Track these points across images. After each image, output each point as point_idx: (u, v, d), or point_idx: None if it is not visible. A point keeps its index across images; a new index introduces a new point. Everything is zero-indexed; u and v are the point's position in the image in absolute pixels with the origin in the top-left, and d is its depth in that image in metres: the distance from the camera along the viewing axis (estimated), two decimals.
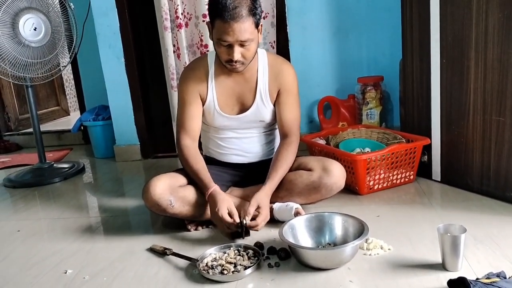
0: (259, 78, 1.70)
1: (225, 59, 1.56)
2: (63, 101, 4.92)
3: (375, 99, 2.54)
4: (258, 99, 1.71)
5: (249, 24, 1.48)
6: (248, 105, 1.72)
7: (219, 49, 1.55)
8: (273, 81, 1.71)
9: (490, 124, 1.70)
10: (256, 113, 1.73)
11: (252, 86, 1.71)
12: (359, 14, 2.63)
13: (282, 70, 1.72)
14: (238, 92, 1.71)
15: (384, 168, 1.92)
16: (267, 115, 1.74)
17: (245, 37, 1.48)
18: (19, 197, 2.38)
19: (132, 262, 1.49)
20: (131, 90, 2.86)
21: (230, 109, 1.72)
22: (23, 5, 2.46)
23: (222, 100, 1.70)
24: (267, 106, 1.73)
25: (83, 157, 3.20)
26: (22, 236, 1.82)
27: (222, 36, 1.48)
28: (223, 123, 1.74)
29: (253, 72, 1.70)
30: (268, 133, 1.82)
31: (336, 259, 1.30)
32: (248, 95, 1.72)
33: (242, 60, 1.55)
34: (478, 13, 1.66)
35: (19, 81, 2.58)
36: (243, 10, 1.45)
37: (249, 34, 1.49)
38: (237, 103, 1.73)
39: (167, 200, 1.57)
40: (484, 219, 1.56)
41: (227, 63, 1.57)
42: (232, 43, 1.49)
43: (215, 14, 1.49)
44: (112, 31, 2.77)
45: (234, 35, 1.47)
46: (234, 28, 1.46)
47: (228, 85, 1.70)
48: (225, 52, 1.54)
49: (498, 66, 1.63)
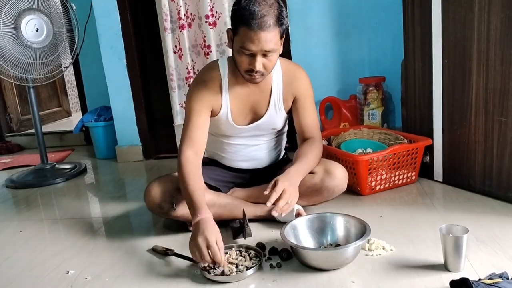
0: (274, 86, 1.66)
1: (245, 68, 1.49)
2: (65, 102, 4.92)
3: (377, 99, 2.54)
4: (272, 107, 1.67)
5: (274, 34, 1.43)
6: (261, 114, 1.68)
7: (240, 58, 1.48)
8: (288, 88, 1.67)
9: (492, 124, 1.69)
10: (268, 121, 1.69)
11: (266, 94, 1.66)
12: (361, 15, 2.63)
13: (296, 77, 1.68)
14: (252, 101, 1.66)
15: (386, 169, 1.91)
16: (279, 123, 1.72)
17: (270, 47, 1.43)
18: (21, 198, 2.39)
19: (134, 262, 1.49)
20: (133, 91, 2.86)
21: (243, 119, 1.68)
22: (25, 6, 2.46)
23: (235, 110, 1.65)
24: (280, 114, 1.69)
25: (85, 158, 3.20)
26: (24, 236, 1.82)
27: (246, 45, 1.42)
28: (234, 132, 1.70)
29: (267, 80, 1.65)
30: (276, 139, 1.80)
31: (338, 260, 1.30)
32: (261, 104, 1.67)
33: (262, 71, 1.48)
34: (480, 13, 1.66)
35: (21, 82, 2.59)
36: (270, 19, 1.40)
37: (274, 44, 1.44)
38: (250, 112, 1.68)
39: (168, 203, 1.57)
40: (486, 220, 1.56)
41: (246, 73, 1.51)
42: (256, 52, 1.43)
43: (240, 21, 1.42)
44: (114, 32, 2.77)
45: (260, 44, 1.41)
46: (260, 37, 1.40)
47: (243, 95, 1.64)
48: (246, 62, 1.47)
49: (500, 66, 1.62)
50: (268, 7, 1.41)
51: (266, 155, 1.78)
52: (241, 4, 1.42)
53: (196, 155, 1.56)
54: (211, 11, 2.56)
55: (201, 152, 1.59)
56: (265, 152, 1.78)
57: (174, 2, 2.60)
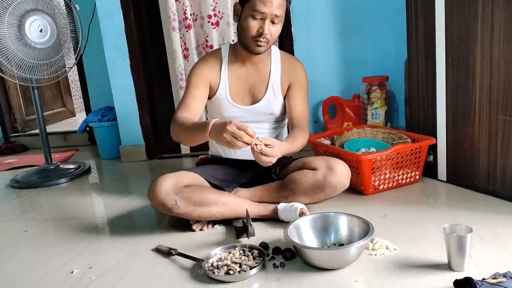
0: (272, 70, 1.78)
1: (253, 34, 1.61)
2: (69, 102, 4.95)
3: (380, 99, 2.53)
4: (270, 91, 1.77)
5: (284, 2, 1.61)
6: (259, 97, 1.78)
7: (249, 24, 1.60)
8: (286, 74, 1.79)
9: (497, 123, 1.69)
10: (266, 105, 1.78)
11: (265, 78, 1.77)
12: (364, 14, 2.62)
13: (294, 65, 1.81)
14: (251, 83, 1.77)
15: (390, 168, 1.91)
16: (277, 107, 1.80)
17: (279, 12, 1.59)
18: (26, 198, 2.40)
19: (138, 262, 1.49)
20: (137, 91, 2.87)
21: (241, 99, 1.77)
22: (29, 7, 2.47)
23: (234, 89, 1.75)
24: (278, 98, 1.79)
25: (89, 158, 3.22)
26: (29, 236, 1.83)
27: (259, 7, 1.56)
28: (233, 114, 1.77)
29: (266, 64, 1.78)
30: (276, 128, 1.85)
31: (341, 259, 1.30)
32: (259, 86, 1.77)
33: (269, 38, 1.62)
34: (484, 11, 1.65)
35: (25, 82, 2.60)
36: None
37: (282, 12, 1.60)
38: (248, 94, 1.78)
39: (172, 200, 1.58)
40: (490, 219, 1.55)
41: (254, 39, 1.62)
42: (267, 15, 1.57)
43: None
44: (118, 32, 2.78)
45: (272, 7, 1.56)
46: (272, 0, 1.56)
47: (241, 75, 1.76)
48: (256, 26, 1.60)
49: (504, 65, 1.62)
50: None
51: None
52: None
53: (192, 117, 1.67)
54: (213, 11, 2.57)
55: (197, 118, 1.69)
56: None
57: (179, 2, 2.60)
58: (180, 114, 1.67)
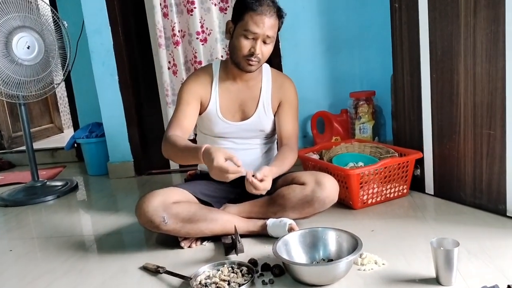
0: (263, 87, 1.79)
1: (245, 53, 1.62)
2: (57, 119, 4.91)
3: (368, 113, 2.56)
4: (260, 107, 1.78)
5: (275, 23, 1.63)
6: (249, 114, 1.79)
7: (241, 43, 1.61)
8: (276, 91, 1.80)
9: (481, 137, 1.71)
10: (257, 122, 1.79)
11: (255, 95, 1.78)
12: (350, 30, 2.66)
13: (285, 83, 1.83)
14: (241, 99, 1.78)
15: (378, 182, 1.92)
16: (267, 124, 1.81)
17: (271, 33, 1.61)
18: (12, 216, 2.36)
19: (125, 281, 1.47)
20: (125, 107, 2.86)
21: (231, 115, 1.78)
22: (16, 24, 2.47)
23: (224, 105, 1.76)
24: (268, 115, 1.80)
25: (76, 175, 3.19)
26: (14, 255, 1.80)
27: (251, 28, 1.58)
28: (223, 130, 1.77)
29: (257, 81, 1.79)
30: (266, 143, 1.86)
31: (330, 275, 1.30)
32: (250, 103, 1.78)
33: (260, 57, 1.63)
34: (466, 28, 1.69)
35: (12, 99, 2.58)
36: (273, 9, 1.61)
37: (273, 32, 1.62)
38: (238, 110, 1.79)
39: (160, 217, 1.56)
40: (477, 232, 1.57)
41: (245, 58, 1.63)
42: (259, 35, 1.59)
43: (246, 8, 1.59)
44: (106, 49, 2.78)
45: (264, 27, 1.58)
46: (265, 21, 1.58)
47: (232, 91, 1.77)
48: (248, 46, 1.61)
49: (487, 80, 1.65)
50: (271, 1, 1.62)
51: (256, 161, 1.82)
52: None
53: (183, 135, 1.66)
54: (201, 28, 2.59)
55: (187, 135, 1.69)
56: (255, 157, 1.82)
57: (167, 19, 2.62)
58: (171, 132, 1.66)
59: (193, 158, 1.51)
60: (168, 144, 1.62)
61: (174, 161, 1.70)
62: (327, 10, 2.65)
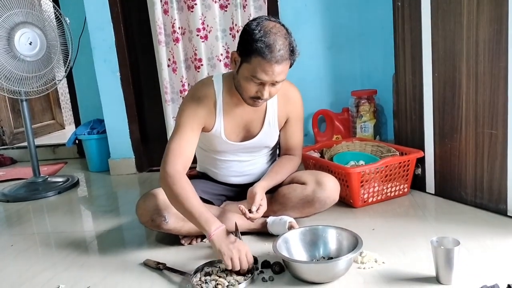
0: (269, 107, 1.66)
1: (251, 95, 1.48)
2: (58, 115, 4.91)
3: (369, 112, 2.56)
4: (266, 126, 1.68)
5: (287, 67, 1.45)
6: (254, 133, 1.68)
7: (247, 85, 1.46)
8: (283, 108, 1.69)
9: (483, 137, 1.71)
10: (262, 140, 1.70)
11: (261, 114, 1.67)
12: (352, 29, 2.66)
13: (290, 99, 1.70)
14: (246, 120, 1.66)
15: (378, 181, 1.92)
16: (272, 141, 1.74)
17: (281, 78, 1.44)
18: (13, 212, 2.37)
19: (125, 277, 1.47)
20: (126, 103, 2.86)
21: (236, 136, 1.68)
22: (18, 19, 2.47)
23: (229, 128, 1.64)
24: (274, 132, 1.71)
25: (77, 171, 3.19)
26: (15, 251, 1.81)
27: (259, 75, 1.41)
28: (227, 148, 1.70)
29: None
30: (271, 155, 1.82)
31: (330, 273, 1.30)
32: (255, 123, 1.68)
33: (267, 98, 1.49)
34: (469, 27, 1.68)
35: (14, 95, 2.58)
36: (285, 53, 1.41)
37: (284, 75, 1.45)
38: (243, 131, 1.68)
39: (161, 216, 1.56)
40: (477, 232, 1.57)
41: (251, 99, 1.50)
42: (267, 82, 1.44)
43: (255, 51, 1.39)
44: (108, 45, 2.78)
45: (273, 75, 1.41)
46: (274, 70, 1.40)
47: (237, 114, 1.64)
48: (254, 90, 1.46)
49: (489, 79, 1.65)
50: (283, 39, 1.41)
51: (258, 170, 1.79)
52: (255, 33, 1.40)
53: (184, 170, 1.53)
54: (202, 25, 2.58)
55: (188, 167, 1.56)
56: (257, 167, 1.78)
57: (168, 16, 2.62)
58: (173, 164, 1.50)
59: (200, 229, 1.44)
60: (171, 187, 1.46)
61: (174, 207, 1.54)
62: (330, 8, 2.65)
